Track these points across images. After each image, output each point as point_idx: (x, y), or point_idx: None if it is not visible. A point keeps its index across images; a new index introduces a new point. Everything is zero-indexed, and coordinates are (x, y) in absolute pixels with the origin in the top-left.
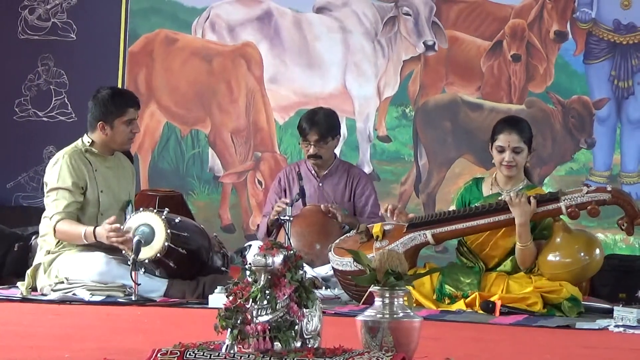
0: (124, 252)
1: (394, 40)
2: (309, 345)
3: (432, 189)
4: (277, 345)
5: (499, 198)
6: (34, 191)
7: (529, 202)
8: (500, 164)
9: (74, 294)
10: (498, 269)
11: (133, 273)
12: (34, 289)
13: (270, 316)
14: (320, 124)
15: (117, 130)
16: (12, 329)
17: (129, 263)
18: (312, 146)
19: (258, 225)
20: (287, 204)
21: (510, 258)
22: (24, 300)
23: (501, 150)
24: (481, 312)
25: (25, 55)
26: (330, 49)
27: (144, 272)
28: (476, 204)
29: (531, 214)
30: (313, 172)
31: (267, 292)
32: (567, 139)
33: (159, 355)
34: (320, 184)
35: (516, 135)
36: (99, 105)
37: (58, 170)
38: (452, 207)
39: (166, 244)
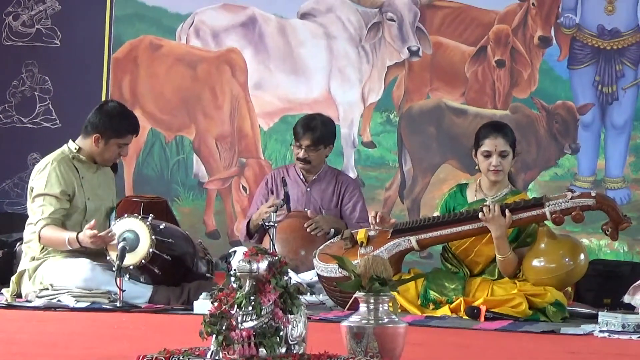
0: (108, 258)
1: (378, 46)
2: (294, 351)
3: (416, 194)
4: (262, 351)
5: (485, 204)
6: (19, 197)
7: (503, 214)
8: (487, 170)
9: (58, 301)
10: (483, 275)
11: (118, 279)
12: (19, 295)
13: (255, 322)
14: (315, 130)
15: (108, 148)
16: None
17: (113, 269)
18: (302, 150)
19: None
20: (276, 205)
21: (495, 264)
22: (8, 306)
23: (488, 155)
24: (466, 317)
25: (10, 61)
26: (315, 55)
27: (129, 279)
28: (461, 210)
29: (508, 226)
30: (301, 176)
31: (252, 298)
32: (551, 144)
33: None
34: (308, 189)
35: (502, 139)
36: (103, 118)
37: (46, 177)
38: (436, 214)
39: (151, 250)
